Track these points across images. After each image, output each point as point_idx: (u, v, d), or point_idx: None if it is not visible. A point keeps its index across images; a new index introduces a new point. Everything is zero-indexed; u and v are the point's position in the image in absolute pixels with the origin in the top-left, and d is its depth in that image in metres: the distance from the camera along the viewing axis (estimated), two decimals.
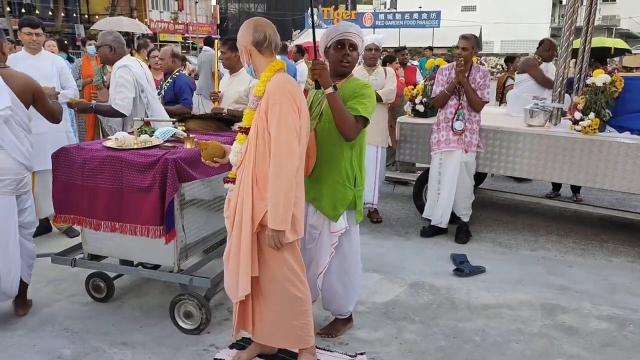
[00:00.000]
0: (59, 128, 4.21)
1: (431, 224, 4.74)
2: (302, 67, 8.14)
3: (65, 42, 9.22)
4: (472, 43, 4.38)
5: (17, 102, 3.01)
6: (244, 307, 2.57)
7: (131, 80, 3.91)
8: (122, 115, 3.95)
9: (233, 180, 2.55)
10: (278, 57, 2.59)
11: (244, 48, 2.45)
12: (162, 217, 2.85)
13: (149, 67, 6.42)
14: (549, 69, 5.58)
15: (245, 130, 2.49)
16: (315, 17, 2.88)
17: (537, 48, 5.71)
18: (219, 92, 4.19)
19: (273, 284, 2.51)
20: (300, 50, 8.91)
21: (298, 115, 2.38)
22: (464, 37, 4.41)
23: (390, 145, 5.37)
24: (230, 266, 2.52)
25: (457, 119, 4.42)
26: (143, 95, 4.00)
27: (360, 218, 2.91)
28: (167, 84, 4.97)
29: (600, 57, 7.35)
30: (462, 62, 4.33)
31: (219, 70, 4.59)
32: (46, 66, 4.45)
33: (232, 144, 2.62)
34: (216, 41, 4.58)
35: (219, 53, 4.15)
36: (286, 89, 2.37)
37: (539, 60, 5.62)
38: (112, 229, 2.95)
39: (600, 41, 8.53)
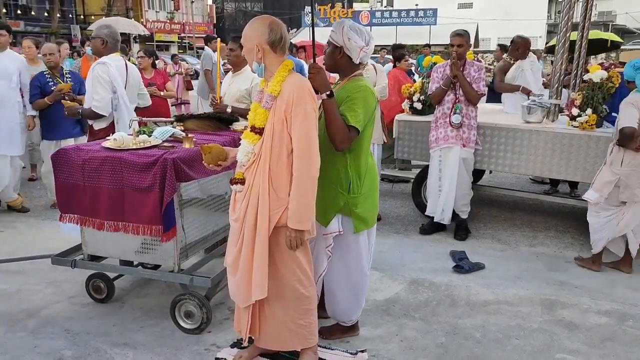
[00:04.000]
0: (11, 118, 4.99)
1: (434, 220, 4.74)
2: None
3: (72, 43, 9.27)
4: (466, 39, 4.40)
5: None
6: (250, 311, 2.52)
7: (108, 79, 3.92)
8: (101, 116, 3.98)
9: (241, 181, 2.46)
10: None
11: (257, 46, 2.34)
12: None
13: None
14: (524, 67, 5.42)
15: (259, 131, 2.39)
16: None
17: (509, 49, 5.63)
18: (222, 95, 4.08)
19: (284, 286, 2.47)
20: (291, 49, 8.88)
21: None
22: (458, 35, 4.40)
23: (385, 141, 5.36)
24: (241, 270, 2.44)
25: (455, 113, 4.42)
26: (114, 97, 3.98)
27: (361, 227, 2.69)
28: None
29: (596, 50, 7.32)
30: (455, 55, 4.35)
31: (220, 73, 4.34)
32: (8, 64, 4.97)
33: (231, 144, 2.60)
34: (218, 40, 4.35)
35: (227, 50, 4.06)
36: (308, 90, 2.34)
37: (511, 62, 5.50)
38: (115, 228, 2.95)
39: (596, 34, 8.60)
